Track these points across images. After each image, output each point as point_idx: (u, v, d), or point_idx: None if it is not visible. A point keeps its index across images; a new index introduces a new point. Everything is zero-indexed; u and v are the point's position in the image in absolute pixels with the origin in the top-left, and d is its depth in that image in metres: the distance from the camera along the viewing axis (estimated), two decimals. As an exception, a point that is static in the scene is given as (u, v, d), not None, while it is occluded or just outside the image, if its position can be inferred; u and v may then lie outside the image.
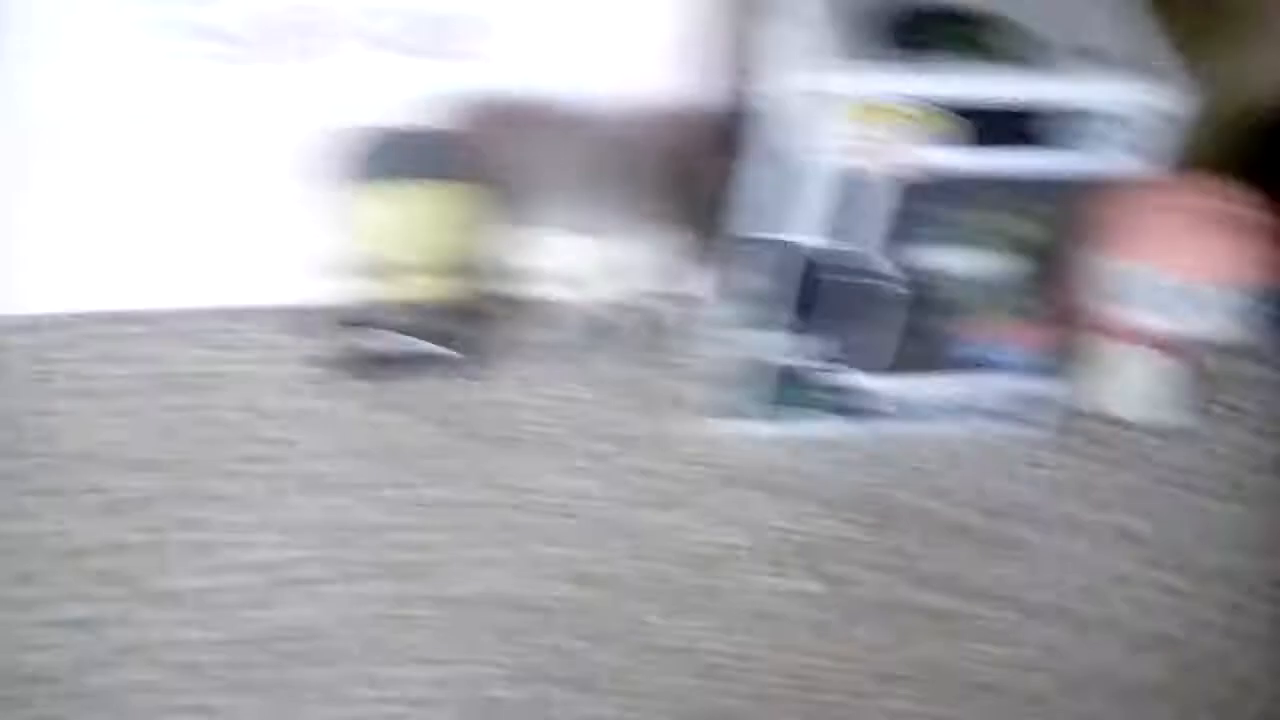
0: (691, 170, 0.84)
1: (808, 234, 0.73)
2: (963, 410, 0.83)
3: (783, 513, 0.79)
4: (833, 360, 0.79)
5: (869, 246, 0.74)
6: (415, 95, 0.79)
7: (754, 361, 0.79)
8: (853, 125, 0.69)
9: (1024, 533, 0.80)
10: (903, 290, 0.77)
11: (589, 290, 0.83)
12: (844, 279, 0.76)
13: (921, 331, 0.79)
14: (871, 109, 0.69)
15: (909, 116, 0.69)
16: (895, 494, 0.81)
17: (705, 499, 0.79)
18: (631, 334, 0.84)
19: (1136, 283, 0.80)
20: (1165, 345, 0.83)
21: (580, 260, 0.82)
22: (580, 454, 0.80)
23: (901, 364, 0.80)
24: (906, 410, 0.82)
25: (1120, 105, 0.70)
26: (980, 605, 0.76)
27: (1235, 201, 0.80)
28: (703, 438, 0.81)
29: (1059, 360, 0.82)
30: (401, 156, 0.76)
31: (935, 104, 0.69)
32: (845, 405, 0.81)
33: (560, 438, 0.81)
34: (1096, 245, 0.81)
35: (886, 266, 0.75)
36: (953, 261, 0.77)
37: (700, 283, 0.86)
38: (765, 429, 0.82)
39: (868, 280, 0.76)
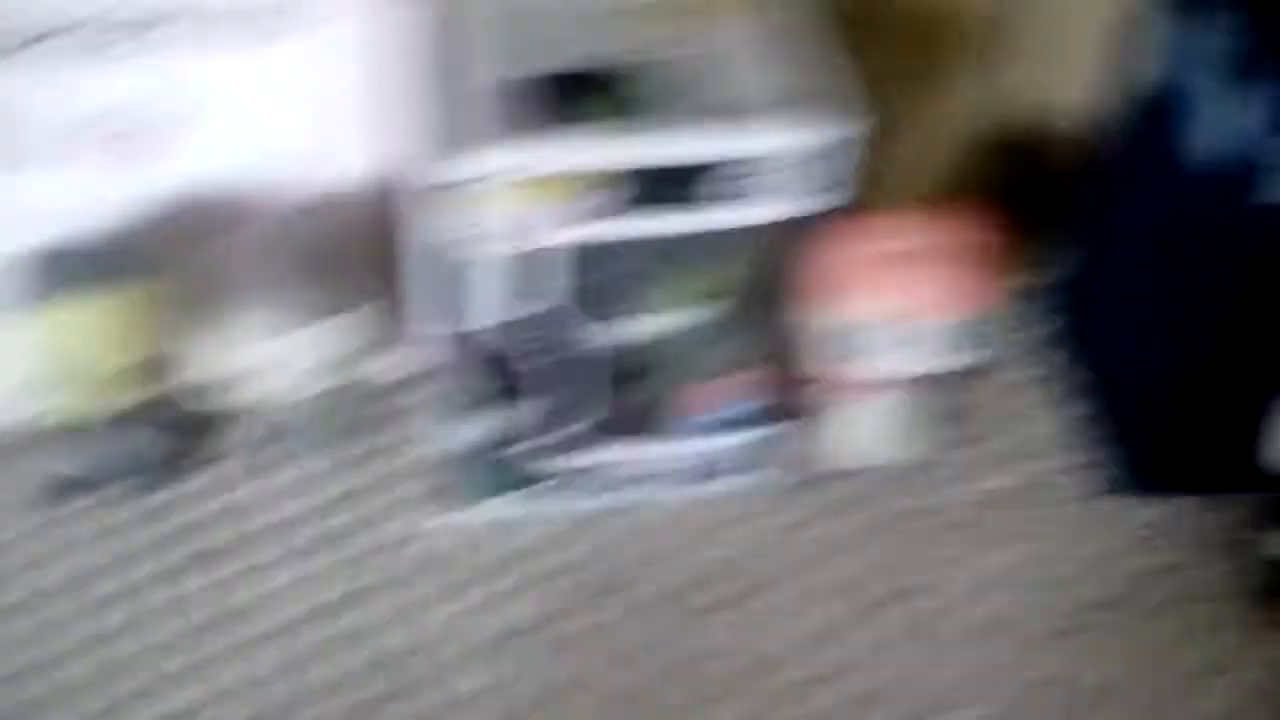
0: (389, 254, 0.82)
1: (490, 313, 0.71)
2: (684, 473, 0.81)
3: (487, 600, 0.77)
4: (540, 437, 0.78)
5: (556, 320, 0.73)
6: (96, 202, 0.77)
7: (463, 447, 0.78)
8: (515, 201, 0.67)
9: (733, 593, 0.78)
10: (601, 360, 0.75)
11: (290, 385, 0.81)
12: (535, 356, 0.74)
13: (635, 398, 0.78)
14: (532, 183, 0.67)
15: (574, 186, 0.67)
16: (604, 567, 0.79)
17: (408, 592, 0.77)
18: (335, 426, 0.83)
19: (849, 328, 0.78)
20: (886, 385, 0.81)
21: (280, 355, 0.81)
22: (280, 552, 0.79)
23: (619, 431, 0.79)
24: (626, 479, 0.81)
25: (794, 149, 0.68)
26: (686, 672, 0.75)
27: (952, 230, 0.79)
28: (412, 529, 0.80)
29: (780, 411, 0.80)
30: (81, 266, 0.75)
31: (599, 170, 0.67)
32: (559, 481, 0.80)
33: (259, 537, 0.79)
34: (805, 294, 0.79)
35: (578, 339, 0.74)
36: (654, 325, 0.75)
37: (406, 368, 0.84)
38: (477, 514, 0.80)
39: (560, 355, 0.75)
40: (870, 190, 0.95)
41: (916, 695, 0.74)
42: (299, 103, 0.77)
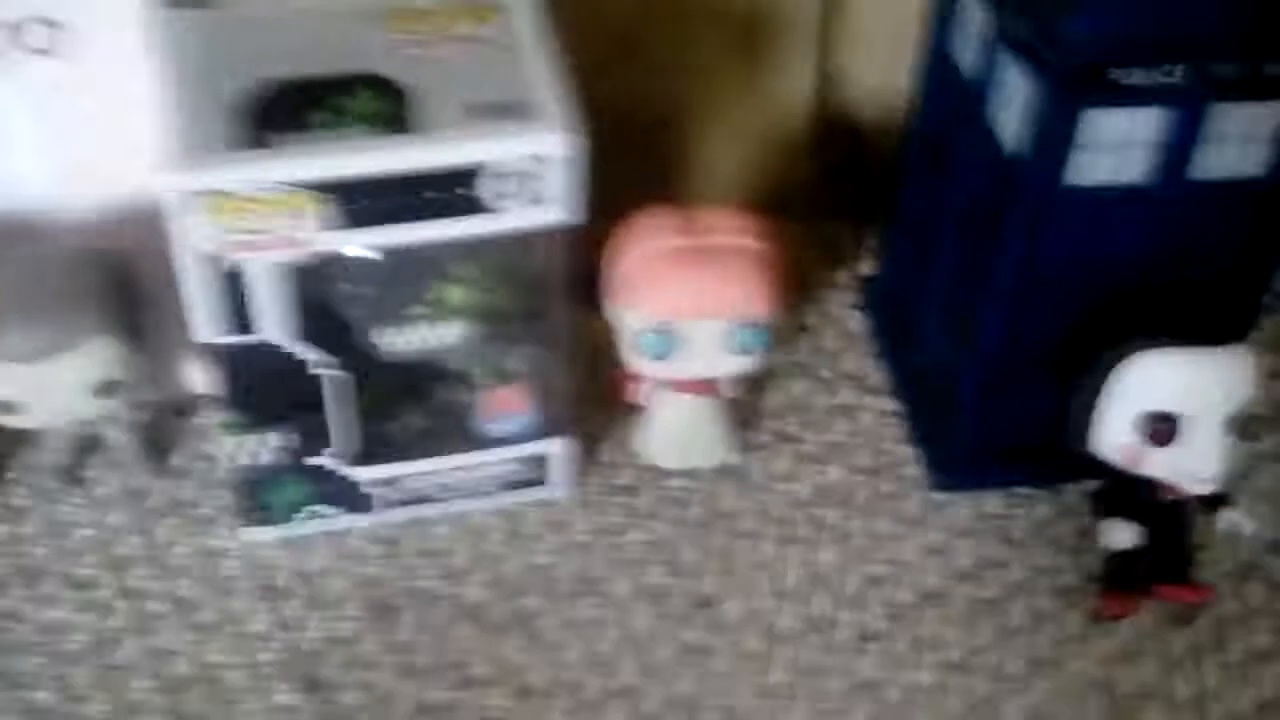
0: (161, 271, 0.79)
1: (269, 327, 0.68)
2: (482, 485, 0.79)
3: (277, 621, 0.74)
4: (331, 452, 0.75)
5: (333, 333, 0.70)
6: None
7: (252, 464, 0.75)
8: (242, 218, 0.64)
9: (534, 607, 0.76)
10: (392, 372, 0.73)
11: (68, 407, 0.78)
12: (317, 370, 0.71)
13: (428, 410, 0.76)
14: (255, 199, 0.64)
15: (298, 202, 0.64)
16: (397, 584, 0.76)
17: (197, 616, 0.74)
18: (120, 447, 0.80)
19: (657, 329, 0.76)
20: (697, 387, 0.79)
21: (57, 376, 0.77)
22: (59, 583, 0.75)
23: (413, 445, 0.76)
24: (422, 493, 0.78)
25: (525, 158, 0.66)
26: (479, 691, 0.72)
27: (761, 229, 0.76)
28: (203, 549, 0.77)
29: (579, 418, 0.78)
30: None
31: (330, 181, 0.64)
32: (353, 497, 0.77)
33: (41, 566, 0.76)
34: (607, 296, 0.77)
35: (363, 352, 0.71)
36: (438, 337, 0.73)
37: (191, 386, 0.81)
38: (268, 532, 0.77)
39: (345, 368, 0.71)
40: (686, 186, 0.94)
41: (722, 705, 0.72)
42: (72, 117, 0.74)
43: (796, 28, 0.90)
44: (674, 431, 0.80)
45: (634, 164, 0.92)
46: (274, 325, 0.68)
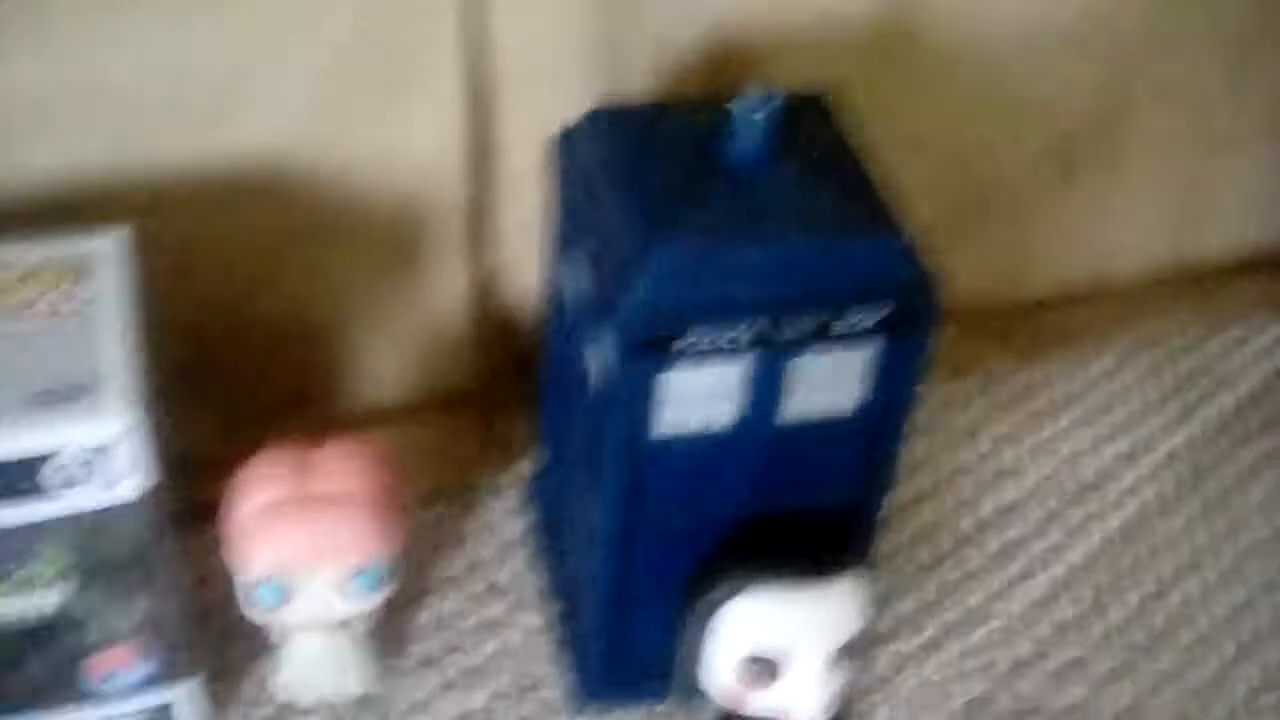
0: None
1: None
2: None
3: None
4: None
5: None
6: None
7: None
8: None
9: None
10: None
11: None
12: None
13: (31, 671, 0.74)
14: None
15: None
16: None
17: None
18: None
19: (256, 585, 0.75)
20: (325, 625, 0.79)
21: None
22: None
23: (19, 707, 0.74)
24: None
25: (92, 442, 0.65)
26: None
27: (359, 474, 0.76)
28: None
29: (189, 666, 0.77)
30: None
31: None
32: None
33: None
34: (221, 543, 0.76)
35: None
36: (25, 608, 0.71)
37: None
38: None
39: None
40: (350, 395, 0.94)
41: None
42: None
43: (445, 235, 0.90)
44: (307, 667, 0.80)
45: (291, 376, 0.92)
46: None
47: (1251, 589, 0.93)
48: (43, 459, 0.65)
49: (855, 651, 0.75)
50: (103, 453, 0.65)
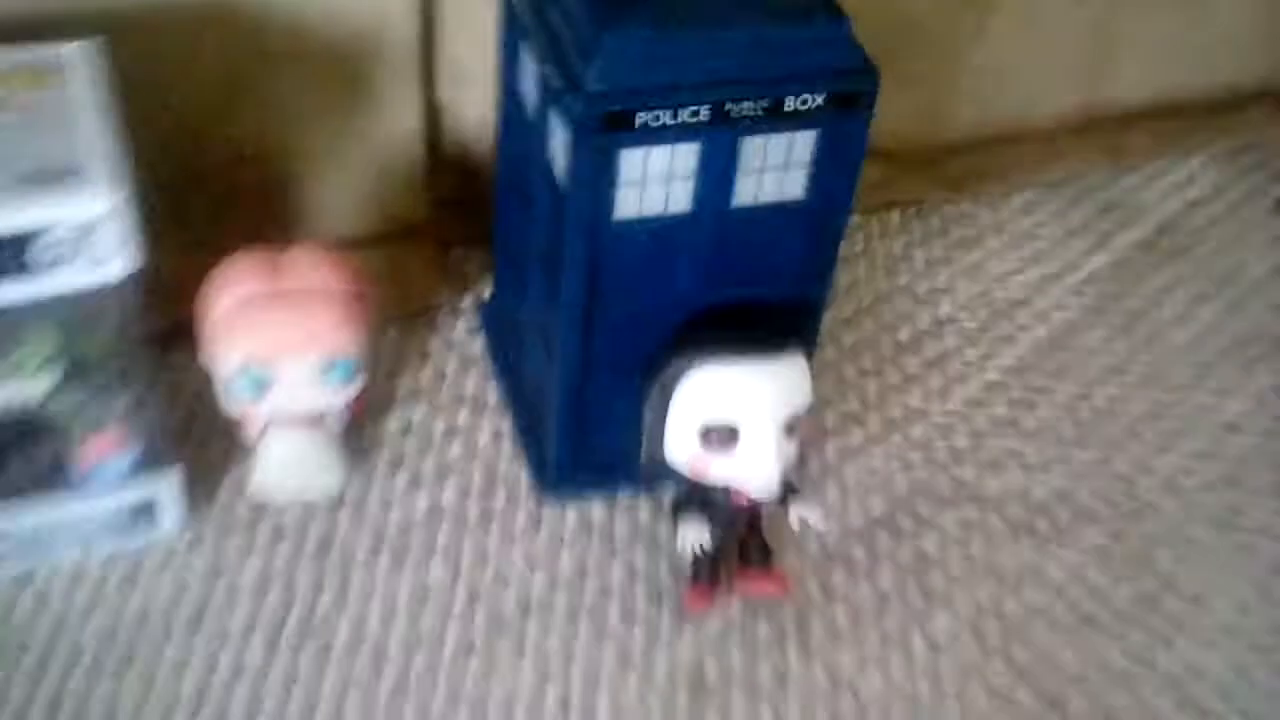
0: None
1: None
2: (86, 530, 0.80)
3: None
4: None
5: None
6: None
7: None
8: None
9: (147, 649, 0.78)
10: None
11: None
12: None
13: (20, 459, 0.76)
14: None
15: None
16: (3, 636, 0.77)
17: None
18: None
19: (236, 375, 0.78)
20: (301, 421, 0.82)
21: None
22: None
23: (8, 494, 0.77)
24: (22, 543, 0.79)
25: (62, 220, 0.68)
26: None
27: (326, 274, 0.80)
28: None
29: (172, 457, 0.80)
30: None
31: None
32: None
33: None
34: (198, 337, 0.79)
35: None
36: (12, 396, 0.74)
37: None
38: None
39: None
40: (304, 224, 0.96)
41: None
42: None
43: (397, 67, 0.93)
44: (283, 466, 0.83)
45: (251, 206, 0.94)
46: None
47: (1169, 388, 0.99)
48: (32, 236, 0.67)
49: (805, 428, 0.80)
50: (90, 230, 0.68)
